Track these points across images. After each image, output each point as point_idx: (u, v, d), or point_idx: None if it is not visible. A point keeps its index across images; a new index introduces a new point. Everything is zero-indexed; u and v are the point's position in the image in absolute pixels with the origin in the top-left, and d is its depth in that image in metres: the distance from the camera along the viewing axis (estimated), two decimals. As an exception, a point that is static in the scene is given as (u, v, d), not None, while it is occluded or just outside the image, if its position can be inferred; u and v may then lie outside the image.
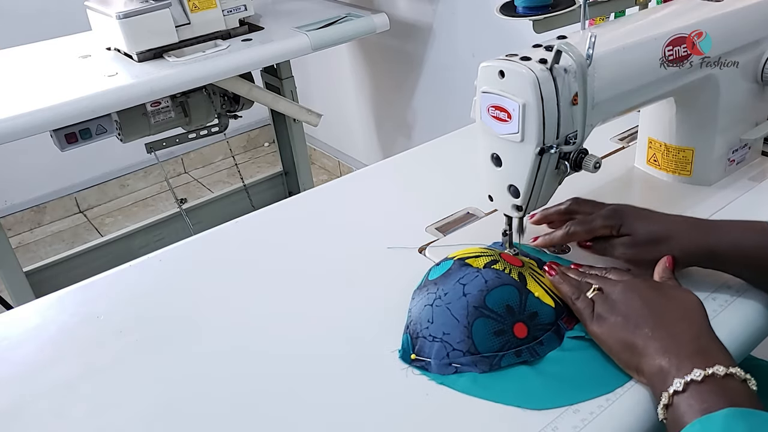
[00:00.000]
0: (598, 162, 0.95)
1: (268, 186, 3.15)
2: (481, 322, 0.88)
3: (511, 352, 0.88)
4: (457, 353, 0.87)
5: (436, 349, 0.88)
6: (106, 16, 2.13)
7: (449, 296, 0.91)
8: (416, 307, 0.94)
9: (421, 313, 0.92)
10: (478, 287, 0.91)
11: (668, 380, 0.75)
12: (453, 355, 0.87)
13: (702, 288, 0.96)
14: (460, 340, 0.88)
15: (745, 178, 1.23)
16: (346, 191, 1.36)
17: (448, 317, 0.89)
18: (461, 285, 0.92)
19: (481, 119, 0.98)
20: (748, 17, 1.13)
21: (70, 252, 2.74)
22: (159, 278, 1.14)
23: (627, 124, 1.46)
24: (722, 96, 1.15)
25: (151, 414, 0.86)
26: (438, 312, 0.90)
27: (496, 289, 0.90)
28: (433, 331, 0.89)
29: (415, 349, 0.90)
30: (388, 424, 0.82)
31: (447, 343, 0.88)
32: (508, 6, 1.24)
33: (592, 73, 0.94)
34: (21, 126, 1.85)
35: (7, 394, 0.92)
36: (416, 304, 0.95)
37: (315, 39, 2.29)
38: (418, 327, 0.91)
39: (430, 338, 0.89)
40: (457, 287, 0.92)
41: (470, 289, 0.91)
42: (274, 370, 0.91)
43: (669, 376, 0.75)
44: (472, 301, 0.89)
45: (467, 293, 0.90)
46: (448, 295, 0.91)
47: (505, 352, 0.88)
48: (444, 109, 2.88)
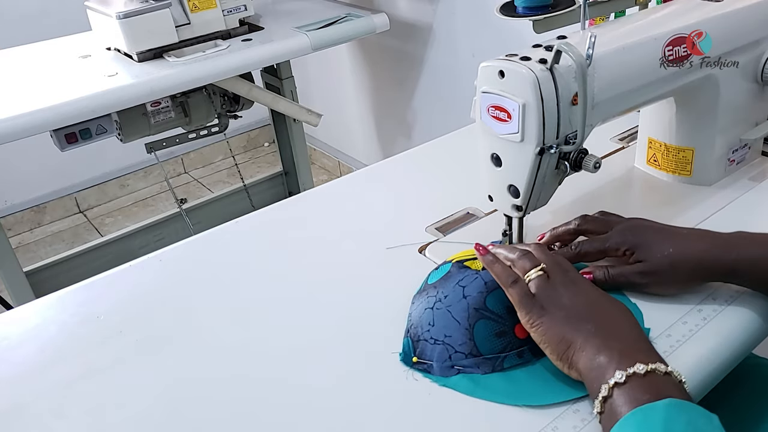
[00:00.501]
0: (598, 162, 0.95)
1: (268, 186, 3.15)
2: (482, 324, 0.88)
3: (513, 354, 0.88)
4: (460, 355, 0.87)
5: (438, 351, 0.88)
6: (106, 16, 2.13)
7: (449, 299, 0.91)
8: (416, 310, 0.94)
9: (422, 317, 0.92)
10: (477, 289, 0.90)
11: (608, 373, 0.75)
12: (455, 358, 0.87)
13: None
14: (462, 342, 0.88)
15: (745, 178, 1.23)
16: (346, 191, 1.36)
17: (449, 320, 0.89)
18: (461, 287, 0.91)
19: (481, 119, 0.98)
20: (748, 17, 1.13)
21: (70, 252, 2.74)
22: (159, 278, 1.14)
23: (627, 124, 1.46)
24: (722, 96, 1.15)
25: (151, 414, 0.86)
26: (439, 315, 0.90)
27: (496, 290, 0.90)
28: (434, 334, 0.89)
29: (417, 352, 0.90)
30: (390, 425, 0.82)
31: (449, 346, 0.88)
32: (508, 6, 1.24)
33: (592, 73, 0.94)
34: (21, 126, 1.85)
35: (7, 394, 0.92)
36: (416, 308, 0.95)
37: (315, 39, 2.29)
38: (419, 330, 0.91)
39: (431, 341, 0.89)
40: (457, 290, 0.92)
41: (470, 291, 0.90)
42: (274, 371, 0.91)
43: (610, 369, 0.75)
44: (472, 303, 0.89)
45: (467, 295, 0.90)
46: (449, 298, 0.91)
47: (507, 353, 0.88)
48: (444, 109, 2.88)
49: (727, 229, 0.94)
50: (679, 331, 0.90)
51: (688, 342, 0.88)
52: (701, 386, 0.85)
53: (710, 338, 0.89)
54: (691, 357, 0.86)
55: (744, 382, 1.07)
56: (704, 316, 0.92)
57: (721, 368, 0.87)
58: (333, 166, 3.96)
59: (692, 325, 0.91)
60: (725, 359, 0.88)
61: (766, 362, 1.13)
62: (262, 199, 3.05)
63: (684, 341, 0.88)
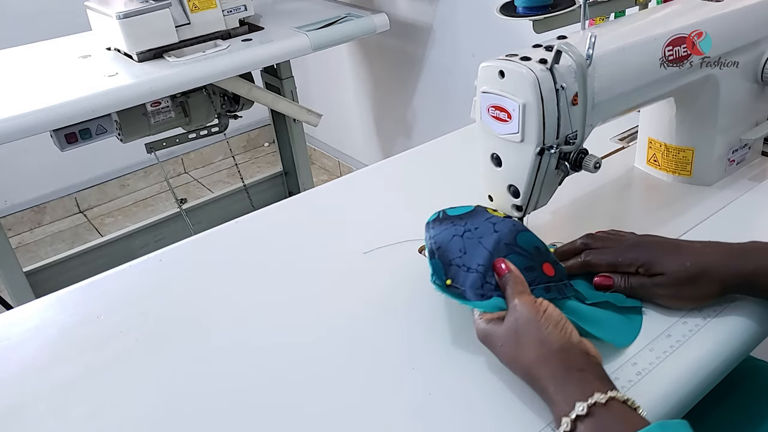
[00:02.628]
0: (598, 162, 0.95)
1: (268, 186, 3.15)
2: (513, 258, 0.90)
3: (541, 287, 0.90)
4: (490, 285, 0.89)
5: (471, 279, 0.90)
6: (106, 16, 2.13)
7: (480, 231, 0.93)
8: (442, 235, 0.96)
9: (451, 242, 0.94)
10: (508, 227, 0.93)
11: (569, 406, 0.73)
12: (487, 287, 0.89)
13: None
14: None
15: (745, 178, 1.23)
16: (346, 191, 1.36)
17: (482, 250, 0.91)
18: (491, 223, 0.94)
19: (481, 119, 0.98)
20: (748, 17, 1.13)
21: (70, 252, 2.73)
22: (159, 278, 1.14)
23: (627, 124, 1.46)
24: (722, 96, 1.15)
25: (150, 414, 0.86)
26: (471, 244, 0.93)
27: (524, 231, 0.94)
28: (466, 261, 0.91)
29: (449, 276, 0.91)
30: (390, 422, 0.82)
31: (481, 275, 0.89)
32: (508, 6, 1.24)
33: (592, 73, 0.94)
34: (21, 126, 1.84)
35: (7, 394, 0.92)
36: (441, 233, 0.96)
37: (315, 39, 2.29)
38: (449, 255, 0.93)
39: (465, 268, 0.91)
40: (487, 225, 0.94)
41: (501, 228, 0.93)
42: (274, 370, 0.91)
43: (569, 401, 0.73)
44: (503, 238, 0.92)
45: (498, 230, 0.93)
46: (479, 230, 0.94)
47: (535, 286, 0.90)
48: (444, 109, 2.88)
49: (729, 229, 0.94)
50: (679, 331, 0.90)
51: (687, 342, 0.88)
52: (700, 387, 0.85)
53: (709, 339, 0.89)
54: (691, 357, 0.86)
55: (741, 383, 1.07)
56: (704, 315, 0.92)
57: (720, 369, 0.87)
58: (333, 166, 3.96)
59: (692, 325, 0.91)
60: (724, 360, 0.88)
61: (764, 364, 1.13)
62: (262, 199, 3.04)
63: (684, 341, 0.88)
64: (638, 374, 0.84)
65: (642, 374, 0.84)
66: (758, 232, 1.06)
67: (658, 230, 1.10)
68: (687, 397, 0.83)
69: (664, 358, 0.86)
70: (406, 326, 0.96)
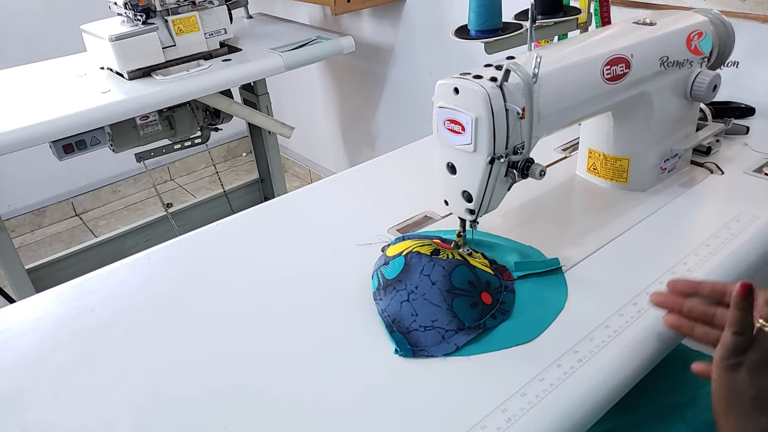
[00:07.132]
0: (543, 170, 0.95)
1: (245, 192, 3.13)
2: (458, 301, 0.91)
3: (489, 317, 0.91)
4: (450, 333, 0.89)
5: (431, 336, 0.89)
6: (100, 39, 2.10)
7: (421, 288, 0.92)
8: (391, 306, 0.93)
9: (401, 311, 0.92)
10: (441, 274, 0.92)
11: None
12: (447, 336, 0.88)
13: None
14: (448, 321, 0.89)
15: (676, 185, 1.23)
16: (316, 196, 1.34)
17: (430, 306, 0.91)
18: (426, 276, 0.92)
19: (438, 131, 0.97)
20: (677, 40, 1.12)
21: (67, 251, 2.71)
22: (147, 275, 1.13)
23: (569, 135, 1.46)
24: (655, 111, 1.14)
25: (139, 396, 0.86)
26: (418, 304, 0.91)
27: (454, 271, 0.93)
28: (421, 321, 0.90)
29: (411, 343, 0.89)
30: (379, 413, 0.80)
31: (439, 329, 0.89)
32: (462, 30, 1.24)
33: (537, 90, 0.93)
34: (23, 137, 1.83)
35: (10, 379, 0.92)
36: (390, 304, 0.94)
37: (288, 59, 2.27)
38: (405, 323, 0.91)
39: (421, 329, 0.89)
40: (424, 279, 0.92)
41: (435, 277, 0.92)
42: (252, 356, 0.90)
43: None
44: (442, 286, 0.91)
45: (435, 281, 0.92)
46: (420, 288, 0.92)
47: (484, 318, 0.91)
48: (405, 122, 2.87)
49: (660, 230, 0.93)
50: (616, 322, 0.90)
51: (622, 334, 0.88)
52: (635, 373, 0.84)
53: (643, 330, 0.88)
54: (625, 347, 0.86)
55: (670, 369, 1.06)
56: (639, 309, 0.92)
57: (655, 355, 0.87)
58: (304, 173, 3.94)
59: (628, 317, 0.91)
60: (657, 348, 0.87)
61: (685, 348, 1.11)
62: (241, 204, 3.02)
63: (621, 331, 0.88)
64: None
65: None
66: (687, 234, 1.07)
67: (598, 231, 1.10)
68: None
69: (599, 350, 0.85)
70: (371, 312, 0.96)
